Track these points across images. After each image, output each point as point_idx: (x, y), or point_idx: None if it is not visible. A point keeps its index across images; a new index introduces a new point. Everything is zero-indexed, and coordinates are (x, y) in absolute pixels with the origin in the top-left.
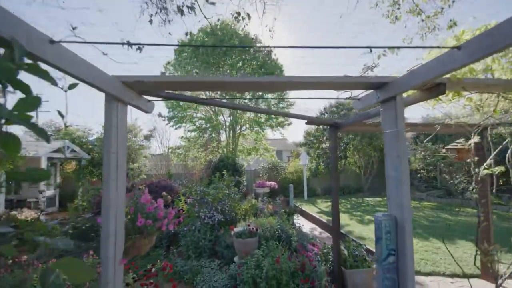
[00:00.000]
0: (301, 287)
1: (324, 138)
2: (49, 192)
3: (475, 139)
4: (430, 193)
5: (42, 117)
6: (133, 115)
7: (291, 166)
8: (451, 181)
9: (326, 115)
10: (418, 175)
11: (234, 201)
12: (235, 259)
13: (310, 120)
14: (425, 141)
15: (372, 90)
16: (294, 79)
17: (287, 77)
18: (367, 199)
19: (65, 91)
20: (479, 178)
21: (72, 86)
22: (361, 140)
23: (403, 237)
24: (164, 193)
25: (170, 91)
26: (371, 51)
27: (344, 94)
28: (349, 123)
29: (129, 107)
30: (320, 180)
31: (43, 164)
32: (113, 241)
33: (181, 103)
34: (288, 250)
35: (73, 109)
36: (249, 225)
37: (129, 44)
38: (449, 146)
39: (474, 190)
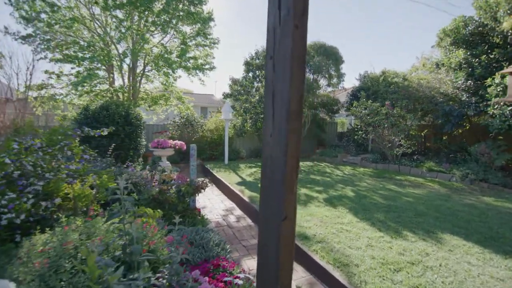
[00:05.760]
0: None
1: (254, 90)
2: None
3: None
4: (365, 157)
5: None
6: None
7: (211, 122)
8: (389, 144)
9: (258, 60)
10: (356, 137)
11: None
12: None
13: None
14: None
15: None
16: None
17: None
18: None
19: None
20: None
21: None
22: None
23: None
24: None
25: None
26: None
27: None
28: None
29: None
30: (245, 140)
31: None
32: None
33: (43, 15)
34: None
35: None
36: None
37: None
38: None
39: None
